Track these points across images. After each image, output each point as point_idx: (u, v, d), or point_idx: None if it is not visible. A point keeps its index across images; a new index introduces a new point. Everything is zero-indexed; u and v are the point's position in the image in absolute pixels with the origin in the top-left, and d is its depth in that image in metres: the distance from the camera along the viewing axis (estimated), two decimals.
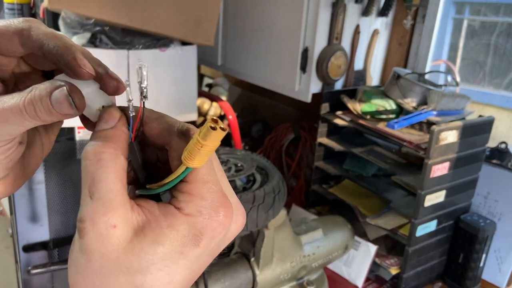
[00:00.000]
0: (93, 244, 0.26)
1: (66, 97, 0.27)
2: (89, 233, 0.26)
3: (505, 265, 1.23)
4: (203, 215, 0.28)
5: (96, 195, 0.26)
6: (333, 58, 1.32)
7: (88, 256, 0.26)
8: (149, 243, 0.27)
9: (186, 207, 0.28)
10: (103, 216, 0.26)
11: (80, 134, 1.15)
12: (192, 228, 0.28)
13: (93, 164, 0.27)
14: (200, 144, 0.26)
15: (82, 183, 0.27)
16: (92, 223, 0.26)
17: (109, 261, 0.26)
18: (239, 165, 1.02)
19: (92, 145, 0.28)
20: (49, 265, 1.08)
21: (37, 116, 0.27)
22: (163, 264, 0.27)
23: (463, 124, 1.09)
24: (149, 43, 1.24)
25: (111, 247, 0.26)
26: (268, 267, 0.99)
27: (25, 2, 1.28)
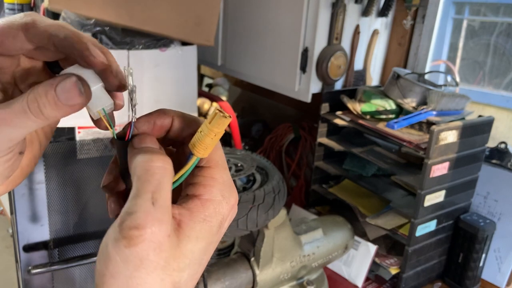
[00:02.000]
0: (145, 252, 0.25)
1: (75, 83, 0.27)
2: (145, 241, 0.25)
3: (505, 265, 1.23)
4: (225, 198, 0.29)
5: (160, 202, 0.26)
6: (333, 58, 1.32)
7: (135, 266, 0.25)
8: (193, 242, 0.27)
9: (210, 191, 0.29)
10: (163, 225, 0.25)
11: (81, 134, 1.15)
12: (219, 214, 0.29)
13: (161, 170, 0.27)
14: (214, 133, 0.28)
15: (142, 188, 0.26)
16: (151, 231, 0.25)
17: (157, 267, 0.26)
18: (239, 165, 1.03)
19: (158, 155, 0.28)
20: (49, 265, 1.08)
21: (41, 113, 0.27)
22: (200, 257, 0.28)
23: (463, 124, 1.09)
24: (149, 43, 1.24)
25: (163, 254, 0.26)
26: (268, 267, 0.99)
27: (26, 2, 1.28)
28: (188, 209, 0.28)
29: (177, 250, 0.27)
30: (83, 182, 1.13)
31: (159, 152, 0.29)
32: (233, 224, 0.88)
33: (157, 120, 0.31)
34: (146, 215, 0.25)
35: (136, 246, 0.25)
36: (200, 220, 0.28)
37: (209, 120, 0.28)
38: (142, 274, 0.25)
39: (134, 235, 0.25)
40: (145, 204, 0.25)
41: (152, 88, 1.28)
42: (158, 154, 0.28)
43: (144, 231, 0.25)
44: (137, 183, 0.26)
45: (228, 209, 0.30)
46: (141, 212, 0.25)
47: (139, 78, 1.25)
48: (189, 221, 0.28)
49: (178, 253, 0.27)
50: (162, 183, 0.26)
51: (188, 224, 0.28)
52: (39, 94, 0.27)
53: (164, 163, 0.27)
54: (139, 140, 0.30)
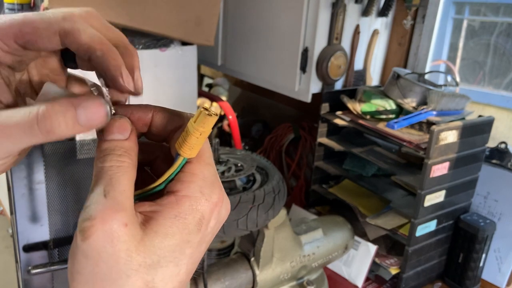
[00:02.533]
0: (101, 244, 0.24)
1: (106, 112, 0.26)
2: (97, 231, 0.24)
3: (505, 265, 1.23)
4: (205, 195, 0.28)
5: (111, 194, 0.26)
6: (333, 58, 1.32)
7: (95, 260, 0.25)
8: (161, 237, 0.26)
9: (188, 187, 0.28)
10: (115, 213, 0.25)
11: (80, 134, 1.15)
12: (196, 212, 0.28)
13: (113, 168, 0.27)
14: (199, 132, 0.27)
15: (95, 184, 0.26)
16: (102, 221, 0.24)
17: (119, 261, 0.25)
18: (239, 165, 1.02)
19: (111, 154, 0.27)
20: (49, 265, 1.08)
21: (52, 132, 0.25)
22: (173, 255, 0.27)
23: (463, 124, 1.09)
24: (149, 43, 1.24)
25: (122, 246, 0.25)
26: (268, 267, 0.99)
27: (25, 2, 1.28)
28: (161, 205, 0.28)
29: (140, 243, 0.26)
30: (83, 182, 1.13)
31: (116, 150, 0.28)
32: (233, 224, 0.88)
33: (135, 112, 0.30)
34: (97, 205, 0.25)
35: (90, 237, 0.24)
36: (171, 217, 0.27)
37: (194, 118, 0.27)
38: (103, 269, 0.25)
39: (87, 227, 0.24)
40: (96, 197, 0.25)
41: (152, 88, 1.27)
42: (113, 154, 0.27)
43: (95, 221, 0.24)
44: (92, 181, 0.27)
45: (209, 207, 0.28)
46: (93, 204, 0.25)
47: None
48: (158, 217, 0.27)
49: (142, 247, 0.26)
50: (114, 178, 0.26)
51: (157, 220, 0.27)
52: (55, 111, 0.25)
53: (118, 162, 0.27)
54: (108, 129, 0.28)
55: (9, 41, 0.28)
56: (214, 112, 0.27)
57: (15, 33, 0.27)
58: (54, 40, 0.28)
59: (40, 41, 0.28)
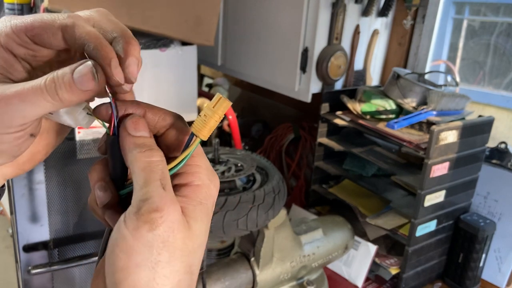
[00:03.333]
0: (166, 234, 0.27)
1: (90, 69, 0.29)
2: (165, 222, 0.27)
3: (505, 265, 1.23)
4: (212, 182, 0.32)
5: (168, 187, 0.28)
6: (333, 58, 1.32)
7: (158, 249, 0.26)
8: (199, 223, 0.29)
9: (199, 178, 0.31)
10: (176, 205, 0.28)
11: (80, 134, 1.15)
12: (210, 196, 0.31)
13: (161, 162, 0.29)
14: (218, 116, 0.30)
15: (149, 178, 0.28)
16: (168, 212, 0.27)
17: (177, 249, 0.27)
18: (239, 165, 1.02)
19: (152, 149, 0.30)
20: (49, 265, 1.08)
21: (56, 95, 0.28)
22: (205, 238, 0.30)
23: (463, 124, 1.09)
24: (149, 43, 1.24)
25: (180, 235, 0.27)
26: (268, 267, 0.99)
27: (25, 2, 1.28)
28: (184, 195, 0.30)
29: (189, 231, 0.28)
30: (83, 182, 1.13)
31: (154, 145, 0.31)
32: (233, 224, 0.88)
33: (129, 108, 0.32)
34: (161, 198, 0.27)
35: (158, 228, 0.26)
36: (197, 204, 0.30)
37: (213, 104, 0.31)
38: (165, 257, 0.27)
39: (155, 218, 0.26)
40: (157, 190, 0.27)
41: (152, 88, 1.27)
42: (155, 149, 0.30)
43: (163, 212, 0.27)
44: (143, 174, 0.28)
45: (216, 191, 0.32)
46: (157, 197, 0.27)
47: (139, 78, 1.25)
48: (188, 205, 0.29)
49: (191, 234, 0.28)
50: (165, 172, 0.29)
51: (188, 208, 0.29)
52: (57, 75, 0.28)
53: (161, 157, 0.30)
54: (134, 125, 0.31)
55: (20, 33, 0.30)
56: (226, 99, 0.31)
57: (26, 26, 0.30)
58: (57, 35, 0.31)
59: (45, 35, 0.31)
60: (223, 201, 0.87)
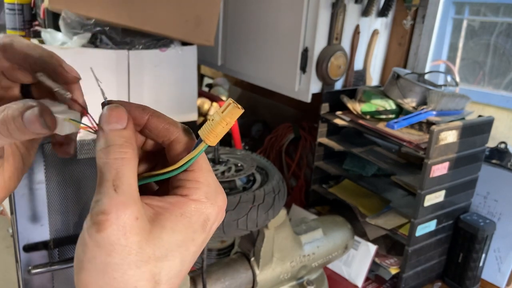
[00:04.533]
0: (115, 237, 0.26)
1: (37, 117, 0.28)
2: (112, 225, 0.26)
3: (505, 265, 1.23)
4: (210, 200, 0.30)
5: (121, 188, 0.27)
6: (333, 58, 1.32)
7: (107, 251, 0.26)
8: (168, 232, 0.28)
9: (195, 193, 0.30)
10: (128, 208, 0.27)
11: (81, 134, 1.15)
12: (201, 214, 0.30)
13: (118, 161, 0.28)
14: (226, 122, 0.29)
15: (103, 178, 0.28)
16: (117, 215, 0.26)
17: (131, 252, 0.27)
18: (239, 165, 1.03)
19: (113, 145, 0.29)
20: (49, 265, 1.08)
21: (11, 135, 0.29)
22: (178, 251, 0.29)
23: (463, 124, 1.09)
24: (149, 43, 1.24)
25: (134, 238, 0.27)
26: (268, 267, 0.99)
27: (26, 2, 1.28)
28: (169, 203, 0.29)
29: (150, 235, 0.27)
30: (83, 182, 1.13)
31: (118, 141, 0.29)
32: (233, 224, 0.88)
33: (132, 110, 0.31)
34: (110, 200, 0.26)
35: (105, 230, 0.26)
36: (178, 214, 0.29)
37: (223, 109, 0.29)
38: (116, 259, 0.26)
39: (101, 220, 0.26)
40: (107, 191, 0.27)
41: (152, 88, 1.28)
42: (115, 145, 0.29)
43: (110, 216, 0.26)
44: (99, 175, 0.28)
45: (214, 210, 0.30)
46: (105, 199, 0.27)
47: (139, 78, 1.25)
48: (165, 213, 0.29)
49: (152, 239, 0.27)
50: (120, 172, 0.28)
51: (164, 215, 0.29)
52: (8, 118, 0.28)
53: (121, 153, 0.28)
54: (106, 118, 0.29)
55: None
56: (241, 106, 0.29)
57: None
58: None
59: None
60: None
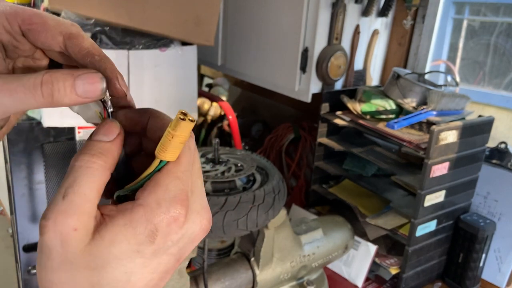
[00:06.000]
0: (51, 243, 0.26)
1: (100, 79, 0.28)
2: (49, 232, 0.26)
3: (505, 265, 1.23)
4: (161, 208, 0.28)
5: (70, 197, 0.27)
6: (333, 58, 1.32)
7: (47, 254, 0.27)
8: (106, 244, 0.27)
9: (146, 197, 0.28)
10: (67, 218, 0.26)
11: (80, 134, 1.15)
12: (149, 223, 0.27)
13: (81, 169, 0.27)
14: (171, 135, 0.27)
15: (63, 182, 0.28)
16: (54, 222, 0.26)
17: (67, 260, 0.27)
18: (239, 165, 1.02)
19: (85, 153, 0.28)
20: None
21: (51, 96, 0.27)
22: (119, 263, 0.27)
23: (463, 124, 1.09)
24: (149, 43, 1.24)
25: (69, 248, 0.26)
26: (268, 267, 0.99)
27: (26, 2, 1.28)
28: (117, 211, 0.28)
29: (86, 247, 0.27)
30: None
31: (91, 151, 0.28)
32: (233, 224, 0.88)
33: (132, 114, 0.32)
34: (54, 206, 0.27)
35: (44, 235, 0.26)
36: (121, 224, 0.27)
37: (171, 122, 0.28)
38: (53, 263, 0.27)
39: (42, 224, 0.27)
40: (56, 198, 0.27)
41: (152, 88, 1.28)
42: (85, 153, 0.28)
43: (48, 222, 0.26)
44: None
45: (164, 220, 0.28)
46: (52, 204, 0.27)
47: (139, 78, 1.25)
48: (109, 222, 0.28)
49: (88, 251, 0.27)
50: (78, 180, 0.27)
51: (106, 225, 0.27)
52: (57, 78, 0.27)
53: (88, 162, 0.28)
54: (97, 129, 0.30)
55: (13, 22, 0.29)
56: (190, 118, 0.27)
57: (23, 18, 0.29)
58: (57, 39, 0.30)
59: (44, 35, 0.30)
60: (223, 201, 0.88)
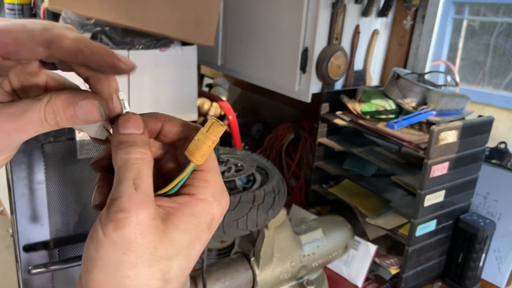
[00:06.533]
0: (133, 235, 0.26)
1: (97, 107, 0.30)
2: (131, 223, 0.26)
3: (505, 265, 1.23)
4: (216, 200, 0.31)
5: (141, 188, 0.27)
6: (333, 58, 1.32)
7: (124, 249, 0.26)
8: (180, 232, 0.29)
9: (202, 192, 0.31)
10: (147, 207, 0.27)
11: (81, 134, 1.15)
12: (209, 214, 0.30)
13: (139, 160, 0.29)
14: (212, 140, 0.30)
15: (123, 176, 0.28)
16: (136, 213, 0.26)
17: (146, 251, 0.27)
18: (239, 165, 1.03)
19: (135, 146, 0.29)
20: (49, 265, 1.08)
21: (56, 124, 0.29)
22: (187, 250, 0.29)
23: (463, 124, 1.09)
24: (149, 43, 1.24)
25: (150, 237, 0.27)
26: (268, 267, 0.99)
27: (26, 2, 1.28)
28: (179, 203, 0.30)
29: (163, 235, 0.28)
30: (83, 182, 1.13)
31: (138, 143, 0.30)
32: (233, 224, 0.88)
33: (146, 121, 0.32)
34: (130, 198, 0.27)
35: (124, 228, 0.26)
36: (188, 214, 0.29)
37: (206, 128, 0.30)
38: (131, 258, 0.26)
39: (120, 218, 0.26)
40: (128, 190, 0.27)
41: (152, 88, 1.28)
42: (136, 145, 0.29)
43: (129, 214, 0.26)
44: (118, 172, 0.28)
45: (219, 211, 0.31)
46: (125, 197, 0.27)
47: (139, 78, 1.25)
48: (177, 213, 0.29)
49: (165, 239, 0.28)
50: (141, 171, 0.28)
51: (175, 215, 0.29)
52: (58, 108, 0.29)
53: (142, 154, 0.29)
54: (123, 123, 0.31)
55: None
56: (222, 123, 0.30)
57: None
58: (37, 51, 0.28)
59: (22, 52, 0.28)
60: None
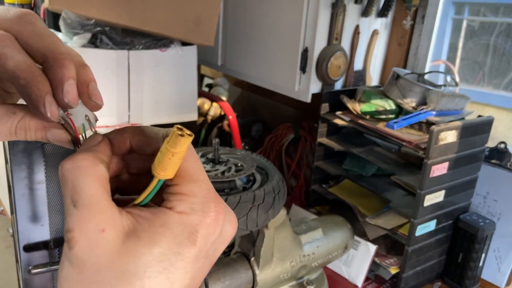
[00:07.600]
0: (84, 253, 0.25)
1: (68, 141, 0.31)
2: (78, 242, 0.25)
3: (505, 265, 1.24)
4: (196, 211, 0.27)
5: (80, 202, 0.25)
6: (333, 58, 1.32)
7: (80, 269, 0.25)
8: (144, 243, 0.25)
9: (178, 205, 0.27)
10: (89, 221, 0.25)
11: None
12: (187, 226, 0.27)
13: (70, 172, 0.26)
14: (171, 153, 0.26)
15: (64, 194, 0.26)
16: (80, 231, 0.25)
17: (102, 269, 0.25)
18: (239, 165, 1.03)
19: (69, 158, 0.27)
20: (50, 265, 1.08)
21: (25, 138, 0.30)
22: (161, 266, 0.26)
23: (463, 124, 1.09)
24: (150, 43, 1.24)
25: (102, 253, 0.25)
26: (268, 267, 0.99)
27: (26, 2, 1.28)
28: (151, 213, 0.27)
29: (122, 247, 0.25)
30: None
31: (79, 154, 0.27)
32: None
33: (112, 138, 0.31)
34: (71, 218, 0.25)
35: (74, 247, 0.25)
36: (157, 225, 0.26)
37: (168, 139, 0.26)
38: (87, 276, 0.25)
39: (69, 238, 0.25)
40: (69, 209, 0.26)
41: (152, 88, 1.28)
42: (72, 157, 0.27)
43: (74, 233, 0.25)
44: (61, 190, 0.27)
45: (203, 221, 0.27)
46: (68, 217, 0.25)
47: (139, 78, 1.25)
48: (144, 223, 0.26)
49: (124, 251, 0.25)
50: (77, 184, 0.26)
51: (142, 226, 0.26)
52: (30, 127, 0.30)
53: (75, 162, 0.27)
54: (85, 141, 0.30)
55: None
56: (187, 132, 0.26)
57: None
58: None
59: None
60: None
